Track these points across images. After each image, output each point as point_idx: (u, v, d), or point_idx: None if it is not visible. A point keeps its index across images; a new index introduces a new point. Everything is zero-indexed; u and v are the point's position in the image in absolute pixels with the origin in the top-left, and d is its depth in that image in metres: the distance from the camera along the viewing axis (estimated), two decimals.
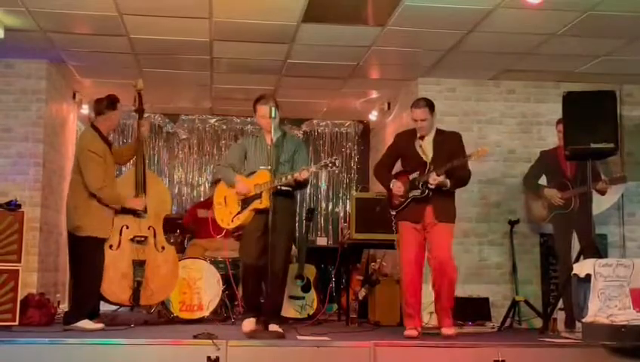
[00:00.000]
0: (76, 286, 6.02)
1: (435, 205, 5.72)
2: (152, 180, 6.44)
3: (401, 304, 5.98)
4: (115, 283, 6.02)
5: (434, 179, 5.61)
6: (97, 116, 6.15)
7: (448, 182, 5.67)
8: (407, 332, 5.65)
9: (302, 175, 5.55)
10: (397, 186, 5.83)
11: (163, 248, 6.33)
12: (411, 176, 5.81)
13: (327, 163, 5.60)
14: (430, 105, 5.82)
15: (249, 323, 5.54)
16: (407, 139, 6.01)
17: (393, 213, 5.91)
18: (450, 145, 5.81)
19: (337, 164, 5.65)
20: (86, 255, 5.91)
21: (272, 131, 5.60)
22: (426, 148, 5.84)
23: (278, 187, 5.54)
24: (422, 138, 5.86)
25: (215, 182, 7.23)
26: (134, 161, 6.39)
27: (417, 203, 5.75)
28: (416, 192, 5.73)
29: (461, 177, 5.79)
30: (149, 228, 6.25)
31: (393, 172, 6.07)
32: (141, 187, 6.21)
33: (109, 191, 5.94)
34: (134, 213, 6.16)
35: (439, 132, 5.91)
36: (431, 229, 5.73)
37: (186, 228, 8.18)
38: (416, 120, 5.81)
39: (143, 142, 6.40)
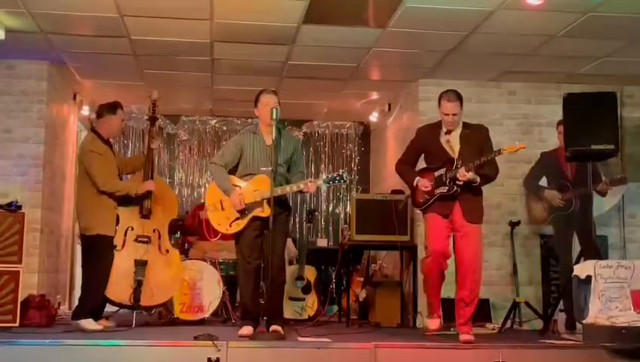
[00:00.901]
0: (84, 284, 6.10)
1: (463, 204, 5.55)
2: (161, 186, 6.50)
3: (426, 293, 5.84)
4: (117, 283, 6.04)
5: (463, 174, 5.40)
6: (98, 119, 6.29)
7: (478, 178, 5.49)
8: (428, 325, 5.63)
9: (308, 188, 5.52)
10: (424, 183, 5.63)
11: (167, 251, 6.37)
12: (437, 173, 5.62)
13: (334, 177, 5.55)
14: (461, 99, 5.60)
15: (246, 329, 5.44)
16: (431, 133, 5.77)
17: (417, 211, 5.71)
18: (477, 139, 5.63)
19: (345, 178, 5.58)
20: (94, 253, 6.00)
21: (272, 133, 5.52)
22: (453, 143, 5.64)
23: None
24: (449, 132, 5.65)
25: None
26: (143, 168, 6.40)
27: (444, 200, 5.57)
28: (443, 189, 5.55)
29: (488, 174, 5.62)
30: (154, 231, 6.29)
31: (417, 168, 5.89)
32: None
33: (115, 183, 6.04)
34: (141, 212, 6.22)
35: (466, 125, 5.71)
36: (461, 231, 5.55)
37: (190, 229, 8.18)
38: (448, 114, 5.56)
39: (153, 149, 6.44)
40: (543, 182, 6.99)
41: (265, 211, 5.45)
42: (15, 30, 6.52)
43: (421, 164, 5.98)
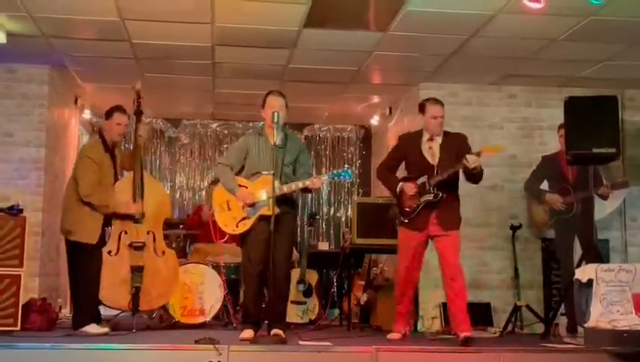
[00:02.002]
0: (75, 291, 6.06)
1: (439, 214, 5.68)
2: (151, 184, 6.37)
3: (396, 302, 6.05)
4: (114, 289, 6.00)
5: (475, 160, 5.45)
6: (103, 124, 6.27)
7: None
8: (389, 336, 5.82)
9: (314, 184, 5.52)
10: (409, 186, 5.74)
11: (163, 253, 6.28)
12: (419, 181, 5.73)
13: (339, 172, 5.55)
14: (443, 104, 5.86)
15: (247, 333, 5.43)
16: (412, 141, 5.93)
17: (406, 221, 5.80)
18: (457, 146, 5.76)
19: (350, 174, 5.58)
20: (79, 259, 5.94)
21: (275, 136, 5.53)
22: (434, 150, 5.78)
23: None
24: (431, 139, 5.80)
25: (214, 182, 7.20)
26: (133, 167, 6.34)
27: (425, 210, 5.70)
28: (429, 196, 5.67)
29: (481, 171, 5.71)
30: (148, 233, 6.19)
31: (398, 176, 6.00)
32: (139, 191, 6.15)
33: (99, 197, 5.89)
34: (132, 218, 6.12)
35: (446, 134, 5.87)
36: (440, 239, 5.70)
37: (191, 230, 8.16)
38: (436, 116, 5.75)
39: (140, 145, 6.34)
40: (544, 185, 6.98)
41: (270, 209, 5.39)
42: (16, 34, 6.53)
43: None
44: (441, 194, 5.63)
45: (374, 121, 9.74)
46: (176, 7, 5.99)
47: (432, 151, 5.77)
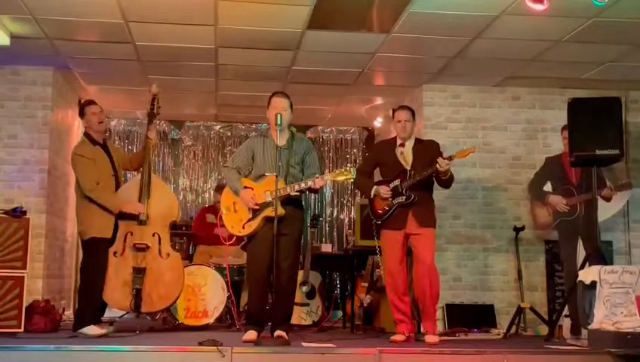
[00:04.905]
0: (81, 291, 6.07)
1: (416, 212, 5.83)
2: (159, 186, 6.37)
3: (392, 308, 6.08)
4: (117, 290, 6.01)
5: (446, 163, 5.65)
6: (84, 123, 6.35)
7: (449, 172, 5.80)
8: (393, 337, 5.79)
9: (316, 183, 5.51)
10: (384, 189, 5.89)
11: (168, 255, 6.24)
12: (392, 184, 5.90)
13: (342, 171, 5.58)
14: (413, 113, 6.08)
15: (250, 334, 5.41)
16: (386, 147, 6.17)
17: (378, 222, 5.97)
18: (429, 152, 5.92)
19: (353, 173, 5.59)
20: (89, 257, 5.97)
21: (278, 138, 5.57)
22: (406, 155, 5.97)
23: (291, 194, 5.53)
24: (402, 145, 5.99)
25: (219, 188, 7.20)
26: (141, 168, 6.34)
27: (400, 209, 5.85)
28: (401, 198, 5.84)
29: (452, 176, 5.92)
30: (153, 235, 6.18)
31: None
32: (145, 191, 6.16)
33: (102, 192, 5.94)
34: (137, 219, 6.12)
35: (418, 140, 6.11)
36: (415, 236, 5.84)
37: (194, 234, 8.16)
38: (400, 120, 5.98)
39: (150, 148, 6.33)
40: (548, 187, 6.98)
41: (275, 211, 5.41)
42: (20, 36, 6.55)
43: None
44: (413, 196, 5.80)
45: (377, 122, 9.74)
46: (179, 10, 5.99)
47: (403, 156, 5.97)
